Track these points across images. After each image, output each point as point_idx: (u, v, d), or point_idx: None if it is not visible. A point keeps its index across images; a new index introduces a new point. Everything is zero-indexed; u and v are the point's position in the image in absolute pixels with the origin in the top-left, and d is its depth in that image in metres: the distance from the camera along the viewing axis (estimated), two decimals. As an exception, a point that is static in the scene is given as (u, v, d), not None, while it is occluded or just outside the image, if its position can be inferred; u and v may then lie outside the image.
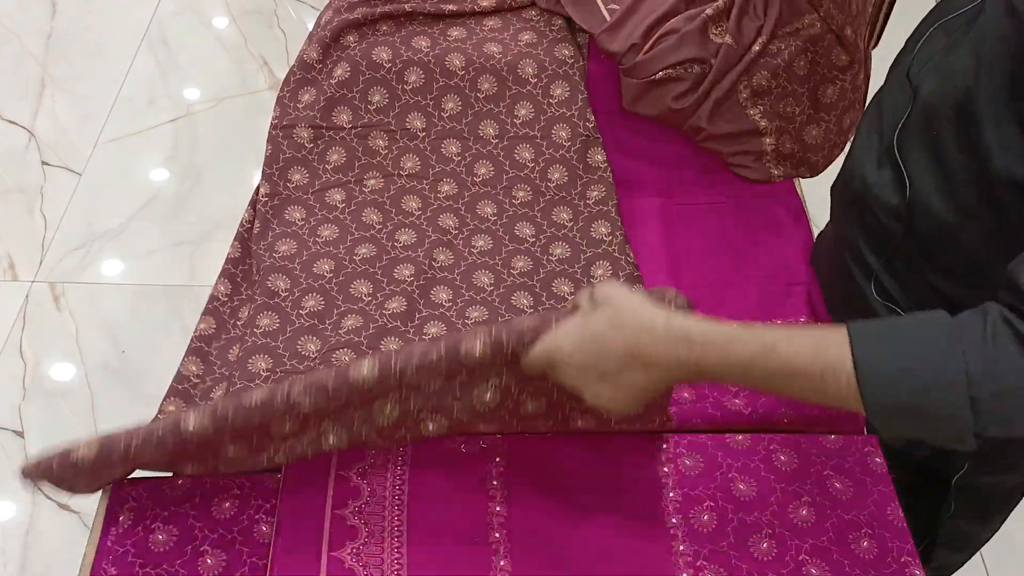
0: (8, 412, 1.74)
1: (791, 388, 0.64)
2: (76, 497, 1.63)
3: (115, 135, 2.22)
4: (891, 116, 0.80)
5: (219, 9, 2.53)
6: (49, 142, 2.20)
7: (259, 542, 0.80)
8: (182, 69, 2.38)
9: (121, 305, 1.90)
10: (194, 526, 0.80)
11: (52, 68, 2.37)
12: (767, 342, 0.63)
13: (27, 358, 1.82)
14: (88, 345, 1.84)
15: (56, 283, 1.93)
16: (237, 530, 0.80)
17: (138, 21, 2.48)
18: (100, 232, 2.02)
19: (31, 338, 1.85)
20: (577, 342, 0.69)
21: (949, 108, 0.72)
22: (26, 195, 2.09)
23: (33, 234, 2.02)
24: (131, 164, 2.16)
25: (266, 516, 0.81)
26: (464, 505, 0.81)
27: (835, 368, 0.60)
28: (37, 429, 1.73)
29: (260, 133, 1.20)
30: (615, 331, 0.67)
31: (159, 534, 0.80)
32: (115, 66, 2.37)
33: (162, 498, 0.82)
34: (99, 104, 2.28)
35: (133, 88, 2.32)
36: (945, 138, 0.72)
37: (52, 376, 1.80)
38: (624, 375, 0.67)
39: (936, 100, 0.74)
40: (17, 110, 2.26)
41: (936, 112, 0.74)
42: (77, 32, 2.46)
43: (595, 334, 0.68)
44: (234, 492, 0.83)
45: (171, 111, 2.27)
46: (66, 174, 2.13)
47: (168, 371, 1.00)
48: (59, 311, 1.89)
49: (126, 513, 0.81)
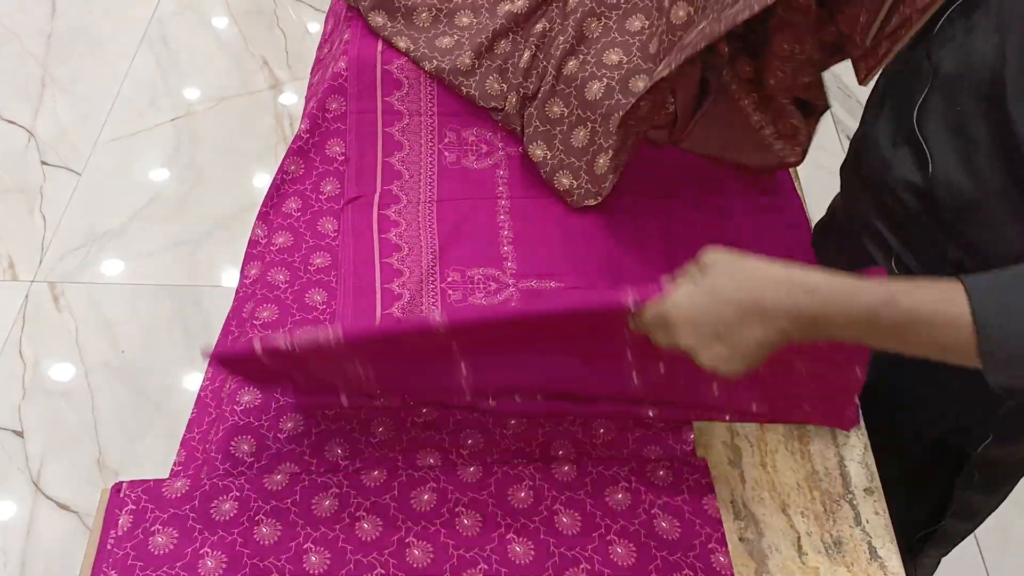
0: (8, 412, 1.74)
1: (910, 342, 0.64)
2: (76, 497, 1.64)
3: (115, 135, 2.22)
4: (906, 96, 0.81)
5: (219, 9, 2.53)
6: (49, 142, 2.20)
7: (259, 544, 0.80)
8: (182, 69, 2.38)
9: (121, 305, 1.90)
10: (194, 528, 0.80)
11: (52, 68, 2.37)
12: (890, 292, 0.63)
13: (27, 358, 1.82)
14: (88, 345, 1.84)
15: (56, 283, 1.93)
16: (237, 532, 0.80)
17: (138, 21, 2.48)
18: (100, 232, 2.02)
19: (31, 338, 1.85)
20: (695, 300, 0.68)
21: (973, 85, 0.72)
22: (26, 195, 2.09)
23: (33, 234, 2.02)
24: (131, 164, 2.16)
25: (266, 517, 0.81)
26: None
27: (956, 322, 0.61)
28: (37, 429, 1.73)
29: (260, 133, 1.19)
30: (734, 283, 0.67)
31: (159, 536, 0.80)
32: (115, 66, 2.37)
33: (161, 500, 0.82)
34: (99, 104, 2.28)
35: (133, 88, 2.32)
36: (969, 115, 0.73)
37: (52, 376, 1.80)
38: (742, 330, 0.67)
39: (959, 78, 0.75)
40: (17, 110, 2.26)
41: (960, 89, 0.74)
42: (77, 32, 2.46)
43: (713, 289, 0.68)
44: (234, 494, 0.83)
45: (171, 111, 2.27)
46: (66, 174, 2.13)
47: (168, 371, 1.00)
48: (59, 311, 1.89)
49: (125, 516, 0.81)
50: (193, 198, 2.10)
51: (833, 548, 0.82)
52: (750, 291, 0.66)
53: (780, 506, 0.85)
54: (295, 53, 2.41)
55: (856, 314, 0.64)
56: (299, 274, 1.00)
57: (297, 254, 1.02)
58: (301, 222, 1.04)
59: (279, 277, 1.00)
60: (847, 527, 0.83)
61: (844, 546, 0.82)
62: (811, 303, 0.65)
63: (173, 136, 2.22)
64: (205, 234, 2.02)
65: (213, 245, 2.00)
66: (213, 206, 2.07)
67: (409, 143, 1.12)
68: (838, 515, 0.84)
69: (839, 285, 0.65)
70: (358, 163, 1.08)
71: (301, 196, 1.06)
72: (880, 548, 0.82)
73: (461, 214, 1.05)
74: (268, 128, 2.22)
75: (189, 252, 1.99)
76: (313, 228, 1.04)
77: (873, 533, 0.83)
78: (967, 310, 0.60)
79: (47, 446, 1.70)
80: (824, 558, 0.81)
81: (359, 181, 1.07)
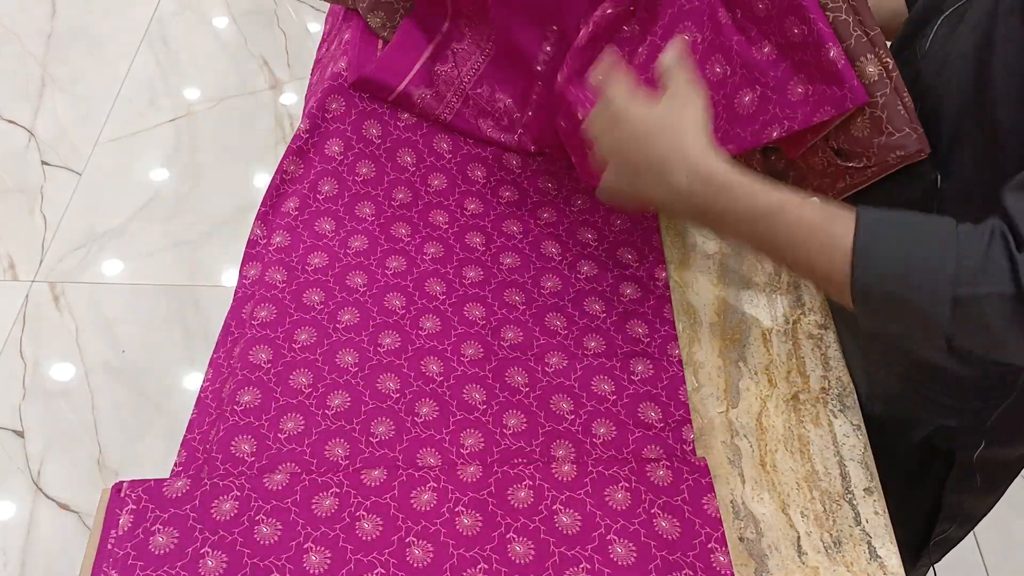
0: (8, 412, 1.75)
1: (788, 257, 0.65)
2: (76, 497, 1.64)
3: (115, 135, 2.22)
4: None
5: (219, 9, 2.53)
6: (49, 142, 2.20)
7: (260, 544, 0.80)
8: (182, 69, 2.38)
9: (121, 305, 1.90)
10: (194, 528, 0.80)
11: (52, 68, 2.37)
12: (780, 201, 0.64)
13: (27, 358, 1.82)
14: (88, 345, 1.84)
15: (56, 283, 1.93)
16: (238, 531, 0.80)
17: (138, 21, 2.48)
18: (100, 232, 2.03)
19: (31, 338, 1.85)
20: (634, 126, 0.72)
21: (956, 91, 0.72)
22: (26, 195, 2.09)
23: (33, 234, 2.02)
24: (131, 164, 2.16)
25: (267, 517, 0.81)
26: None
27: (834, 244, 0.61)
28: (37, 429, 1.73)
29: (260, 133, 1.19)
30: (660, 138, 0.71)
31: (159, 536, 0.80)
32: (115, 66, 2.37)
33: (162, 500, 0.82)
34: (99, 104, 2.28)
35: (133, 88, 2.32)
36: (961, 117, 0.73)
37: (52, 376, 1.80)
38: (645, 177, 0.71)
39: (943, 83, 0.75)
40: (17, 110, 2.26)
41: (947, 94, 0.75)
42: (77, 32, 2.46)
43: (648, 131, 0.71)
44: (234, 494, 0.83)
45: (171, 111, 2.27)
46: (66, 174, 2.13)
47: (168, 371, 1.00)
48: (59, 311, 1.89)
49: (126, 515, 0.81)
50: (193, 198, 2.10)
51: (833, 548, 0.82)
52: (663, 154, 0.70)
53: (780, 506, 0.85)
54: (295, 53, 2.41)
55: (744, 215, 0.65)
56: (297, 274, 1.00)
57: (295, 254, 1.02)
58: (299, 222, 1.04)
59: (276, 277, 1.00)
60: (847, 527, 0.83)
61: (844, 546, 0.82)
62: (704, 193, 0.67)
63: (173, 136, 2.22)
64: (205, 234, 2.02)
65: (213, 245, 2.00)
66: (213, 206, 2.07)
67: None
68: (838, 515, 0.84)
69: (736, 183, 0.66)
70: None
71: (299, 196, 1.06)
72: (880, 548, 0.82)
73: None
74: (268, 128, 2.22)
75: (189, 252, 1.99)
76: (311, 228, 1.04)
77: (873, 533, 0.83)
78: (850, 234, 0.60)
79: (47, 446, 1.71)
80: (824, 558, 0.81)
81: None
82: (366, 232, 1.05)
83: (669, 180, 0.69)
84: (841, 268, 0.61)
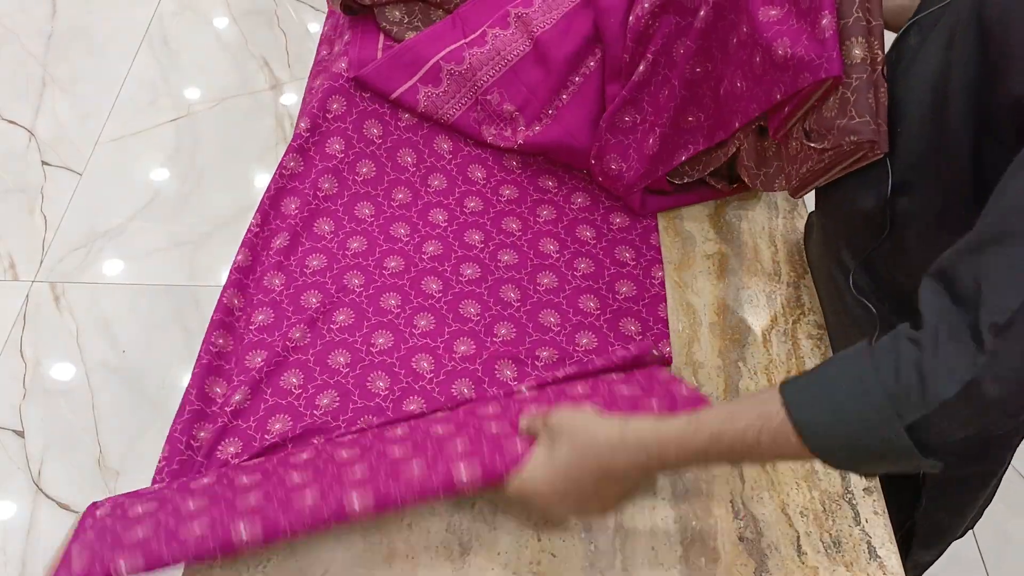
0: (8, 412, 1.75)
1: (749, 460, 0.68)
2: (76, 497, 1.64)
3: (115, 135, 2.22)
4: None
5: (219, 9, 2.53)
6: (49, 142, 2.20)
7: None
8: (182, 69, 2.38)
9: (121, 305, 1.90)
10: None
11: (52, 68, 2.37)
12: (713, 431, 0.66)
13: (27, 358, 1.82)
14: (88, 345, 1.84)
15: (56, 283, 1.93)
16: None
17: (138, 21, 2.48)
18: (100, 232, 2.03)
19: (31, 338, 1.85)
20: (550, 481, 0.72)
21: (924, 107, 0.73)
22: (26, 195, 2.09)
23: (33, 234, 2.02)
24: (132, 164, 2.16)
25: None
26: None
27: (782, 434, 0.62)
28: (37, 429, 1.73)
29: (260, 133, 1.19)
30: (582, 458, 0.71)
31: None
32: (115, 66, 2.37)
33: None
34: (99, 104, 2.28)
35: (133, 88, 2.32)
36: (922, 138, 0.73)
37: (52, 376, 1.80)
38: (601, 491, 0.72)
39: (911, 97, 0.75)
40: (17, 110, 2.26)
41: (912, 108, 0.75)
42: (77, 32, 2.46)
43: (566, 466, 0.71)
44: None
45: (171, 111, 2.27)
46: (66, 174, 2.13)
47: (168, 371, 1.00)
48: (59, 311, 1.89)
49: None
50: (193, 198, 2.10)
51: (832, 548, 0.82)
52: (597, 462, 0.70)
53: (779, 505, 0.85)
54: (295, 53, 2.41)
55: (690, 457, 0.68)
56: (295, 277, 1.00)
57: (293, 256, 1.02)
58: (299, 220, 1.05)
59: (275, 282, 1.00)
60: (846, 527, 0.83)
61: (843, 546, 0.82)
62: (648, 459, 0.69)
63: (173, 136, 2.22)
64: (205, 234, 2.02)
65: (213, 245, 2.00)
66: (213, 206, 2.07)
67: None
68: (837, 515, 0.84)
69: (667, 435, 0.68)
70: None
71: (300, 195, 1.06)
72: (879, 548, 0.82)
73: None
74: (268, 128, 2.22)
75: (189, 252, 1.99)
76: (310, 229, 1.05)
77: (872, 533, 0.83)
78: (787, 420, 0.62)
79: (47, 446, 1.71)
80: (823, 557, 0.81)
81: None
82: (365, 233, 1.05)
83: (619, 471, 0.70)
84: (801, 448, 0.62)
